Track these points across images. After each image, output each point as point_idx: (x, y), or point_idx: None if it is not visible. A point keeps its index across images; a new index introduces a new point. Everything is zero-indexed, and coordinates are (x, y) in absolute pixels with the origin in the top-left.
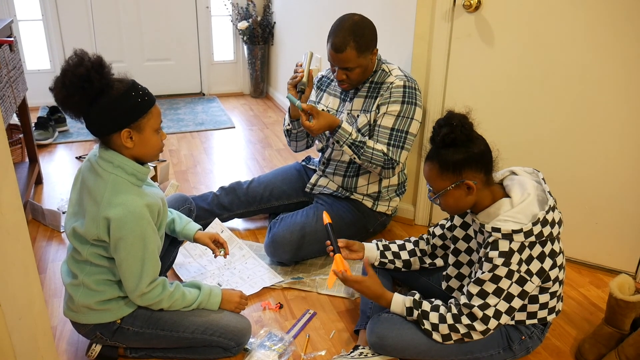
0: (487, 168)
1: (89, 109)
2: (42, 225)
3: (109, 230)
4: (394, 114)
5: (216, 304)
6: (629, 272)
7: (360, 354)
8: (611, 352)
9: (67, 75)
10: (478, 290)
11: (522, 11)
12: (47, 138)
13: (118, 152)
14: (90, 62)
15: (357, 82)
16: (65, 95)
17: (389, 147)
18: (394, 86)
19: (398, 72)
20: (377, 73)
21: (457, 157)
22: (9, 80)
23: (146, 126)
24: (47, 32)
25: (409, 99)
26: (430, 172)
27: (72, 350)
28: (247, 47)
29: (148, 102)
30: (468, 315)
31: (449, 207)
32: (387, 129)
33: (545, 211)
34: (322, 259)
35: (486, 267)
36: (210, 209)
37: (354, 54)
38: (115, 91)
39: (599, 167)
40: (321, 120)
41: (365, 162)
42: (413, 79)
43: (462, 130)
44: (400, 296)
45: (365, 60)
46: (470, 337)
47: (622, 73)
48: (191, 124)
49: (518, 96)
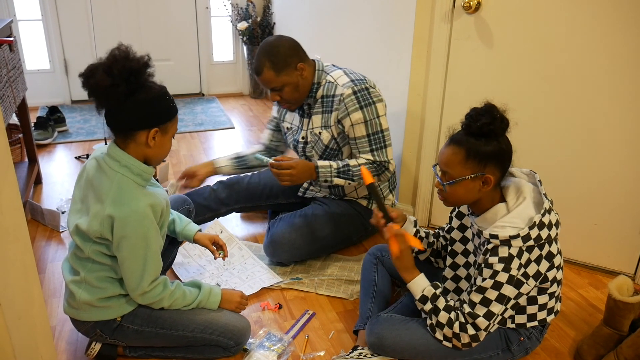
0: (505, 169)
1: (124, 102)
2: (41, 225)
3: (113, 228)
4: (360, 121)
5: (216, 303)
6: (627, 274)
7: (359, 354)
8: (610, 353)
9: (117, 65)
10: (480, 299)
11: (522, 12)
12: (47, 138)
13: (133, 150)
14: (140, 59)
15: (295, 101)
16: (110, 83)
17: (373, 152)
18: (344, 97)
19: (344, 79)
20: (322, 86)
21: (488, 148)
22: (9, 80)
23: (170, 130)
24: (47, 32)
25: (365, 102)
26: (453, 156)
27: (72, 349)
28: (246, 47)
29: (175, 108)
30: (472, 325)
31: (454, 197)
32: (363, 137)
33: (542, 214)
34: (321, 260)
35: (486, 273)
36: (207, 204)
37: (272, 74)
38: (154, 91)
39: (598, 169)
40: (299, 168)
41: (360, 182)
42: (360, 79)
43: (502, 125)
44: (424, 280)
45: (289, 77)
46: (470, 346)
47: (622, 74)
48: (191, 124)
49: (517, 97)
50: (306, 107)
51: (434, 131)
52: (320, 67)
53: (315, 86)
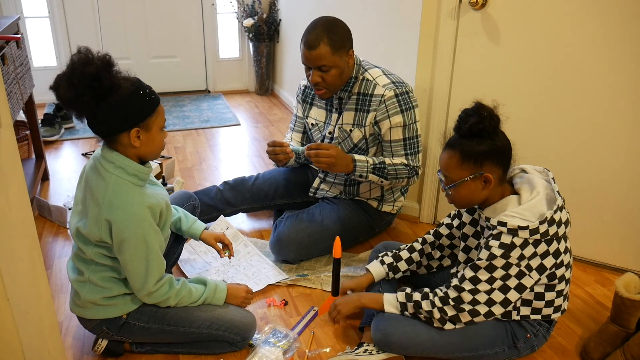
0: (506, 164)
1: (97, 109)
2: (49, 222)
3: (111, 232)
4: (400, 125)
5: (222, 299)
6: (635, 271)
7: (364, 350)
8: (616, 351)
9: (75, 74)
10: (471, 276)
11: (529, 8)
12: (54, 135)
13: (122, 151)
14: (99, 61)
15: (334, 87)
16: (75, 94)
17: (407, 156)
18: (386, 98)
19: (384, 79)
20: (359, 81)
21: (481, 148)
22: (16, 76)
23: (153, 125)
24: (54, 29)
25: (406, 106)
26: (449, 160)
27: (79, 345)
28: (252, 44)
29: (155, 100)
30: (455, 298)
31: (460, 200)
32: (400, 141)
33: (554, 210)
34: (327, 257)
35: (484, 254)
36: (213, 204)
37: (328, 50)
38: (124, 90)
39: (605, 165)
40: (339, 156)
41: (392, 181)
42: (401, 82)
43: (491, 122)
44: (390, 295)
45: (340, 60)
46: (459, 320)
47: (631, 71)
48: (197, 121)
49: (524, 94)
50: (336, 102)
51: (440, 128)
52: (358, 62)
53: (352, 80)
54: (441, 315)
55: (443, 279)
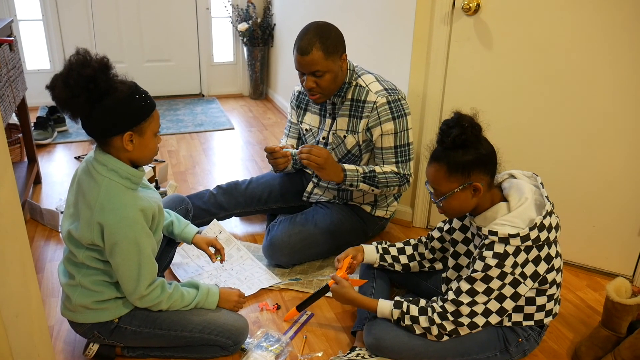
0: (492, 170)
1: (91, 111)
2: (40, 225)
3: (103, 235)
4: (391, 132)
5: (214, 303)
6: (626, 276)
7: (357, 355)
8: (608, 355)
9: (72, 75)
10: (468, 288)
11: (521, 14)
12: (46, 138)
13: (115, 154)
14: (96, 63)
15: (328, 91)
16: (70, 95)
17: (398, 164)
18: (378, 105)
19: (377, 86)
20: (352, 87)
21: (467, 158)
22: (9, 79)
23: (147, 130)
24: (47, 32)
25: (398, 113)
26: (437, 173)
27: (69, 349)
28: (247, 48)
29: (150, 105)
30: (454, 312)
31: (452, 210)
32: (391, 148)
33: (543, 216)
34: (319, 261)
35: (479, 265)
36: (207, 208)
37: (320, 55)
38: (120, 94)
39: (597, 171)
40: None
41: (382, 189)
42: (393, 89)
43: (473, 132)
44: (384, 305)
45: (334, 64)
46: (458, 333)
47: (621, 77)
48: (190, 125)
49: (517, 99)
50: (330, 107)
51: (433, 133)
52: (352, 67)
53: (345, 85)
54: (439, 331)
55: (436, 284)
